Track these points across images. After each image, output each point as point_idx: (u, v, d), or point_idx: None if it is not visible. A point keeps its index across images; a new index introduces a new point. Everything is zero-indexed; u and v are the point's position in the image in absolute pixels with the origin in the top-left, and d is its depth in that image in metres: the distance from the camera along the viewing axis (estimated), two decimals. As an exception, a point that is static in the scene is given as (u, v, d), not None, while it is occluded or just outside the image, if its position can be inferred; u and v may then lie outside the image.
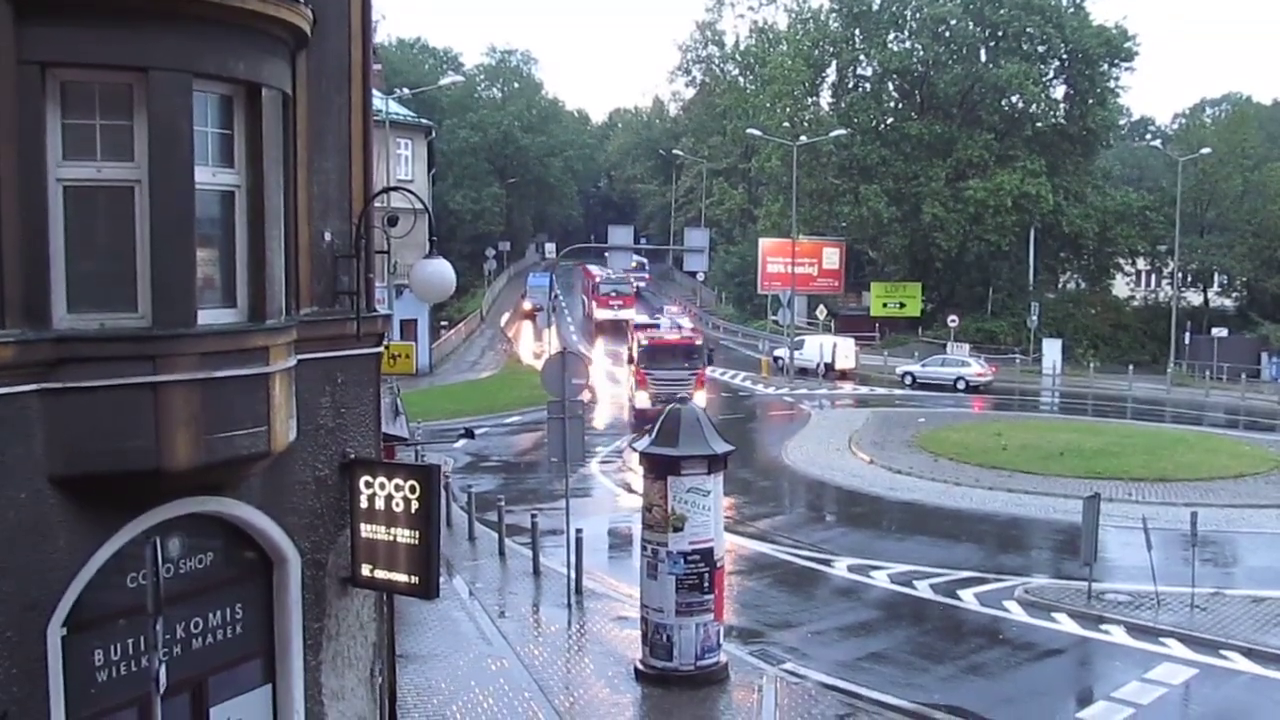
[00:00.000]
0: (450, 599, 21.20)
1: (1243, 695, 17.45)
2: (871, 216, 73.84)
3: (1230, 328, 70.03)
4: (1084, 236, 74.95)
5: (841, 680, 17.63)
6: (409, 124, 53.91)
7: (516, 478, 34.72)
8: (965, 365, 58.56)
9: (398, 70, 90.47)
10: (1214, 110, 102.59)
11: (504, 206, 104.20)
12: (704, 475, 16.88)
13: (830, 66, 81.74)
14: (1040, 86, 74.79)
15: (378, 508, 10.52)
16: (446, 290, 11.29)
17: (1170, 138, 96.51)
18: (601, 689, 17.01)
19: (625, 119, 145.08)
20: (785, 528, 28.45)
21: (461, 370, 64.15)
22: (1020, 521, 29.17)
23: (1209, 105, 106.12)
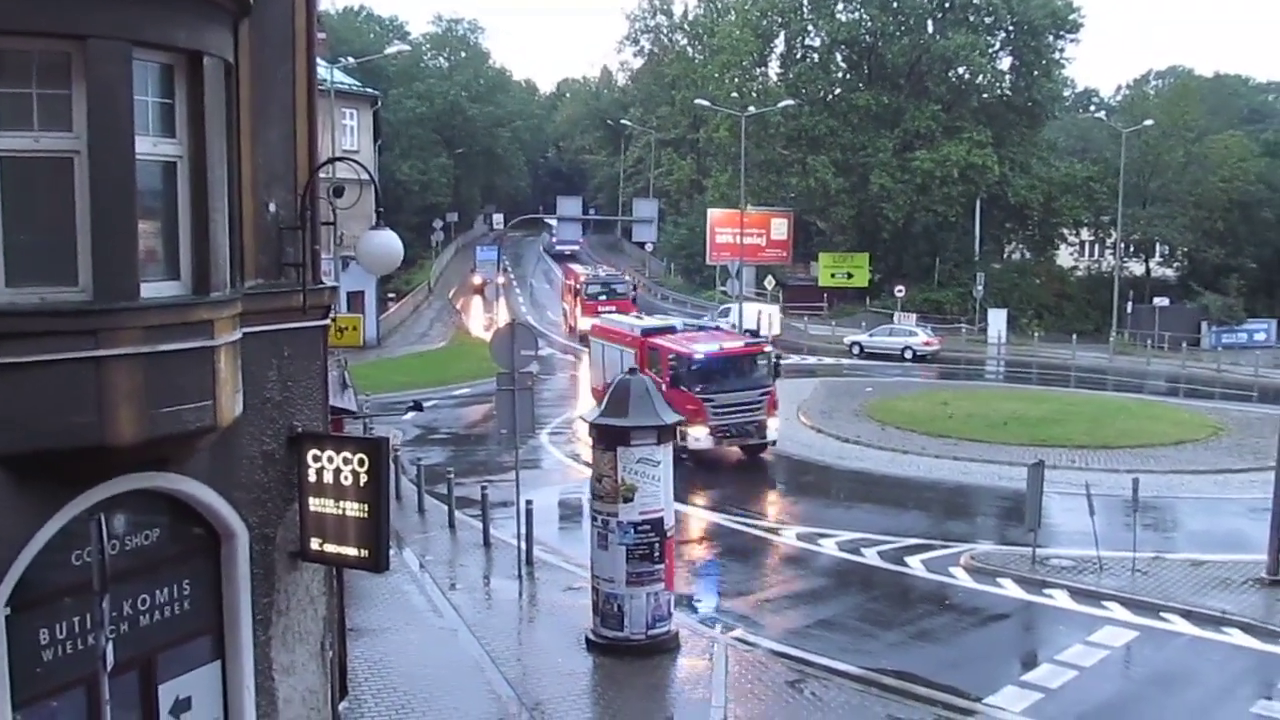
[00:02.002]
0: (400, 572, 21.15)
1: (1182, 656, 17.82)
2: (819, 187, 74.14)
3: (1171, 297, 71.25)
4: (1029, 207, 75.74)
5: (791, 647, 17.81)
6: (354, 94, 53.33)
7: (466, 450, 34.64)
8: (913, 335, 59.19)
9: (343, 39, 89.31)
10: (1157, 83, 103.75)
11: (451, 177, 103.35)
12: (654, 445, 16.93)
13: (779, 37, 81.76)
14: (987, 58, 75.34)
15: (326, 481, 10.45)
16: (394, 262, 11.21)
17: (1114, 110, 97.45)
18: (553, 659, 17.06)
19: (573, 89, 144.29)
20: (735, 497, 28.61)
21: (410, 342, 63.78)
22: (966, 489, 29.54)
23: (1153, 78, 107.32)
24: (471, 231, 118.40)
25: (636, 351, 32.37)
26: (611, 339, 35.15)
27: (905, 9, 76.01)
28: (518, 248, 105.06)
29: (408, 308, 75.12)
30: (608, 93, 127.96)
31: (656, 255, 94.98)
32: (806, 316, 70.78)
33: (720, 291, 72.09)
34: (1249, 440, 34.35)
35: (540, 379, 45.25)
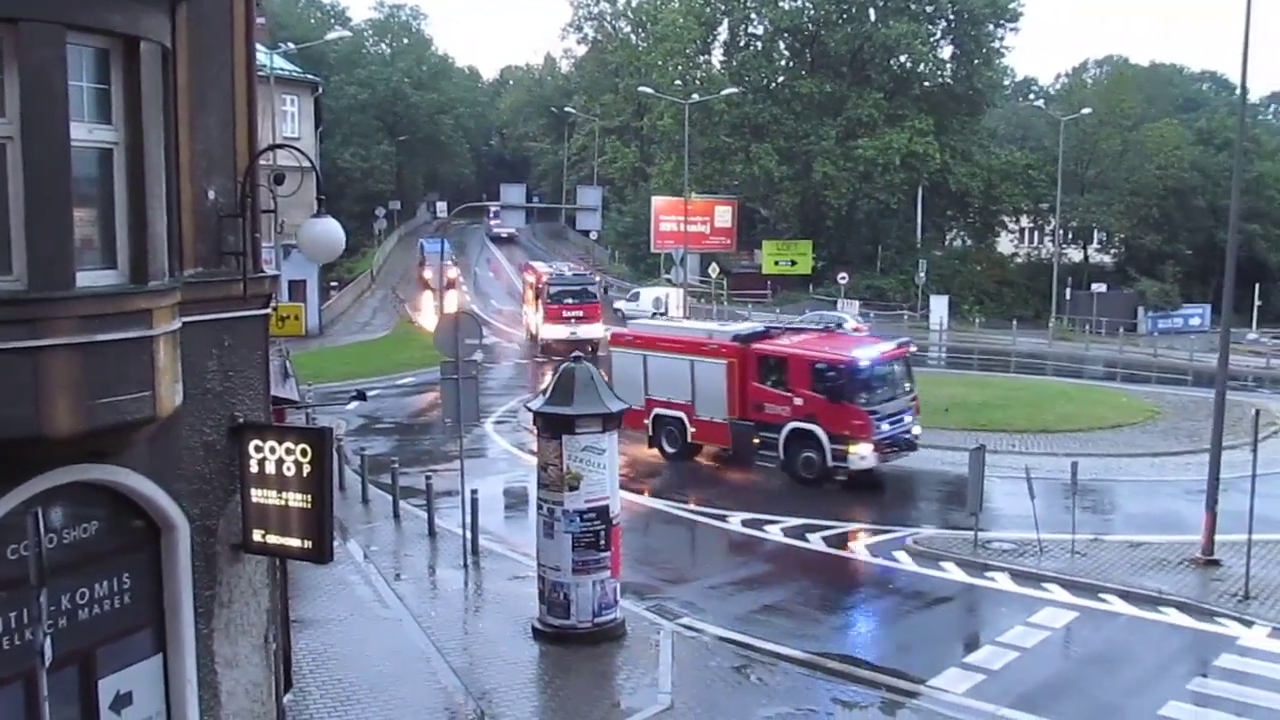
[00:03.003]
0: (345, 563, 20.99)
1: (1121, 636, 18.16)
2: (763, 175, 74.41)
3: (1109, 283, 72.42)
4: (970, 195, 76.55)
5: (737, 633, 17.91)
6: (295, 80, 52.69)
7: (411, 439, 34.43)
8: (843, 320, 59.93)
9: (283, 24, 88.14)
10: (1095, 72, 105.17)
11: (394, 165, 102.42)
12: (599, 433, 16.93)
13: (722, 24, 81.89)
14: (928, 46, 75.92)
15: (268, 472, 10.35)
16: (336, 250, 11.11)
17: (1053, 98, 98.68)
18: (500, 648, 17.03)
19: (517, 76, 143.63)
20: (680, 484, 28.67)
21: (353, 331, 63.25)
22: (909, 474, 29.73)
23: (1090, 67, 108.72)
24: (415, 219, 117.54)
25: (732, 363, 28.61)
26: (664, 348, 30.16)
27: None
28: (462, 236, 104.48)
29: (350, 296, 74.49)
30: (551, 80, 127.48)
31: (601, 243, 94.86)
32: (751, 304, 71.02)
33: (665, 279, 72.20)
34: (1184, 423, 34.98)
35: (484, 367, 45.07)
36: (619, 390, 29.09)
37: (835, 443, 26.70)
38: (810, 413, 27.08)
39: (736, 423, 28.60)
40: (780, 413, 27.64)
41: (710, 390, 28.99)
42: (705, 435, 29.64)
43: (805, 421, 27.16)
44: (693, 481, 29.19)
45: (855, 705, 15.37)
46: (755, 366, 28.38)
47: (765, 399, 28.04)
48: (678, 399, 29.73)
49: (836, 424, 26.72)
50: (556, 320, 48.60)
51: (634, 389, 29.07)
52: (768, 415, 27.93)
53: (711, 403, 29.04)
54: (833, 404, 26.76)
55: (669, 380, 29.66)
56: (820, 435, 26.92)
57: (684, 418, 29.79)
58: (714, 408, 29.00)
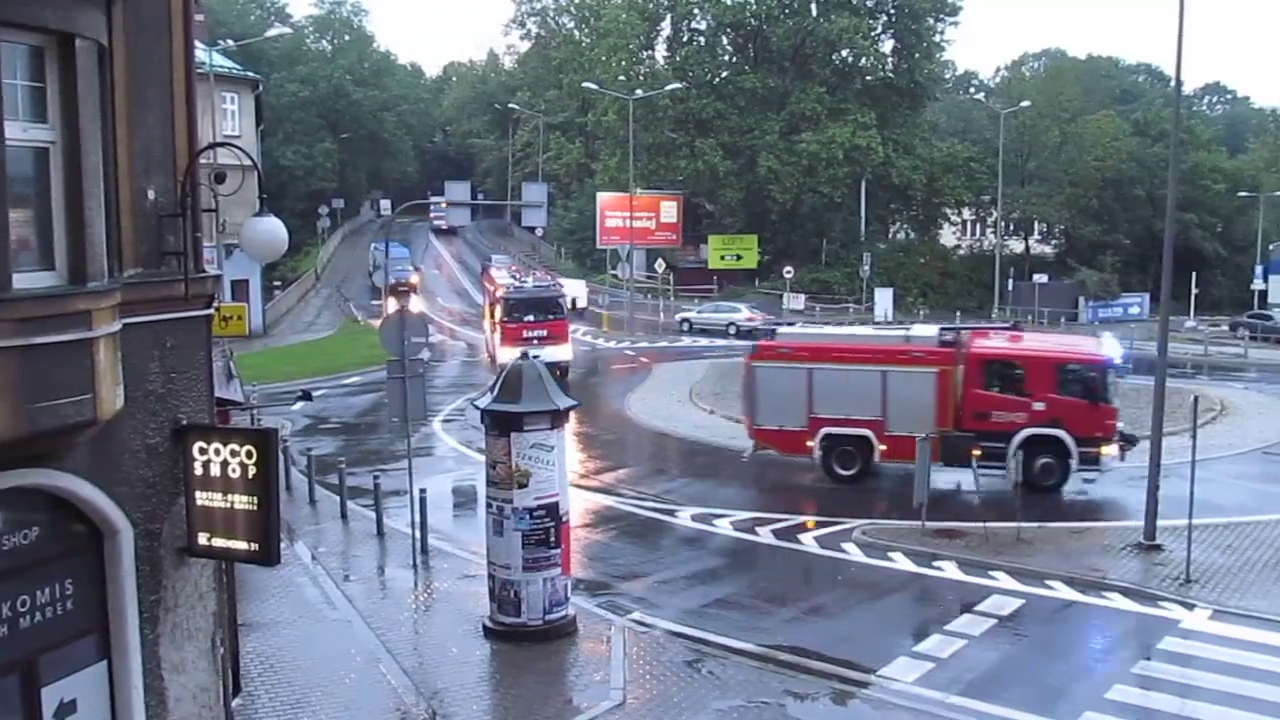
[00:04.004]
0: (292, 565, 20.80)
1: (1067, 621, 18.48)
2: (708, 170, 74.65)
3: (1050, 274, 73.41)
4: (913, 188, 77.29)
5: (688, 627, 17.94)
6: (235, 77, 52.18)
7: (357, 439, 34.17)
8: (736, 311, 61.43)
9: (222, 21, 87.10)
10: (1033, 65, 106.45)
11: (337, 162, 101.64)
12: (547, 430, 16.89)
13: (665, 20, 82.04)
14: (869, 41, 76.51)
15: (213, 474, 10.22)
16: (279, 249, 11.00)
17: (993, 91, 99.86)
18: (450, 647, 16.96)
19: (460, 72, 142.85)
20: (630, 480, 28.70)
21: (297, 331, 62.71)
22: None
23: (1029, 60, 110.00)
24: (358, 218, 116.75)
25: (944, 371, 25.91)
26: (840, 359, 26.87)
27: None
28: (406, 234, 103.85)
29: (294, 295, 73.85)
30: (495, 76, 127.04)
31: (546, 240, 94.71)
32: (698, 299, 71.22)
33: (612, 275, 72.26)
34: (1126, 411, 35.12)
35: (431, 366, 44.85)
36: (768, 410, 27.17)
37: (1083, 445, 25.32)
38: (1055, 416, 25.41)
39: (950, 435, 25.49)
40: (1014, 420, 25.49)
41: (911, 402, 25.87)
42: (899, 453, 25.93)
43: (1047, 427, 25.43)
44: (644, 477, 29.23)
45: (807, 697, 15.45)
46: (979, 372, 26.09)
47: (993, 406, 25.65)
48: (861, 415, 26.43)
49: (1086, 426, 25.35)
50: (515, 341, 39.71)
51: (792, 408, 26.71)
52: (995, 424, 25.47)
53: (912, 416, 25.67)
54: (1087, 405, 25.48)
55: (848, 395, 26.36)
56: (1065, 439, 25.43)
57: (870, 435, 26.53)
58: (915, 421, 25.35)
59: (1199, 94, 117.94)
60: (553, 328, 42.13)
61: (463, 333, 60.05)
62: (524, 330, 41.34)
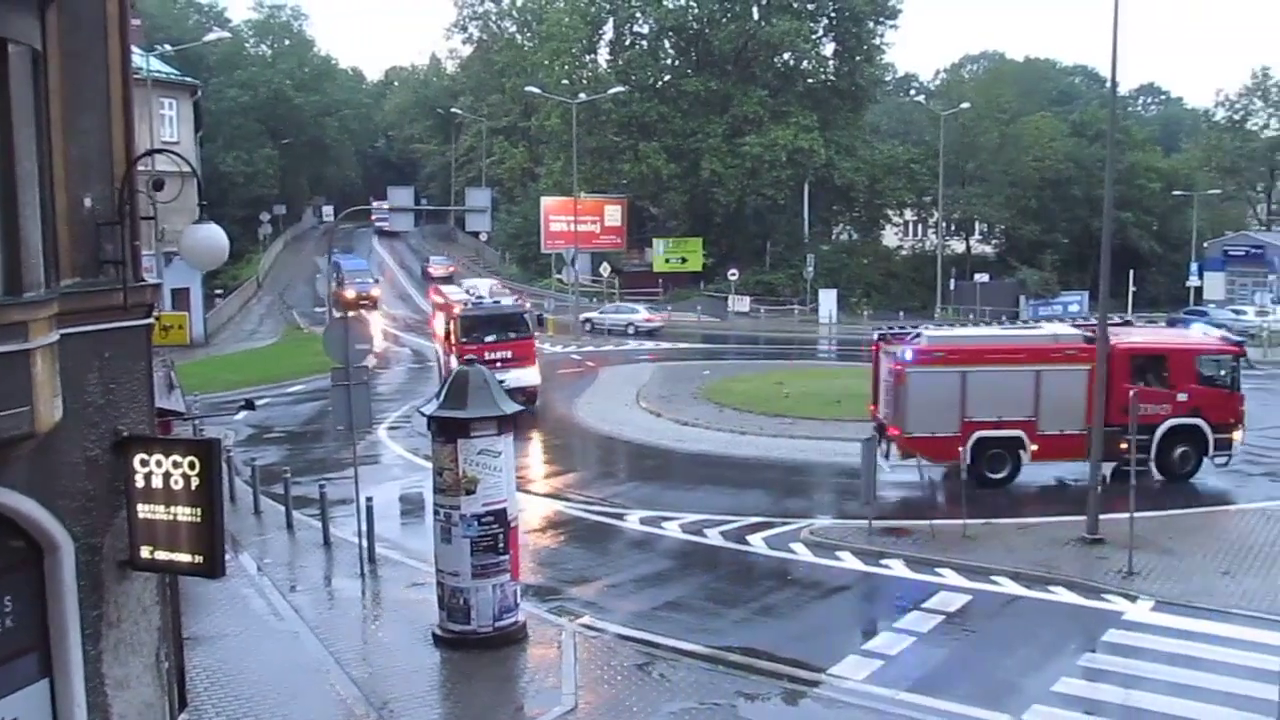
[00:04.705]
0: (238, 576, 20.55)
1: (1013, 616, 18.66)
2: (652, 173, 74.81)
3: (992, 273, 74.35)
4: (855, 189, 77.87)
5: (639, 630, 17.94)
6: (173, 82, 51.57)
7: (302, 448, 33.84)
8: (635, 312, 62.59)
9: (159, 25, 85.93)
10: (972, 67, 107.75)
11: (278, 169, 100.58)
12: (494, 436, 16.81)
13: (607, 23, 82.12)
14: (811, 44, 77.10)
15: (155, 486, 10.07)
16: (219, 257, 10.87)
17: (933, 93, 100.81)
18: (400, 657, 16.82)
19: (402, 77, 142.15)
20: (578, 484, 28.66)
21: (239, 339, 62.02)
22: (804, 466, 30.19)
23: (968, 62, 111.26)
24: (301, 224, 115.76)
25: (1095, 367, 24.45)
26: (994, 360, 26.24)
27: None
28: (349, 240, 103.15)
29: (236, 303, 73.05)
30: (437, 81, 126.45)
31: (491, 245, 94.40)
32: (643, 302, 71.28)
33: (557, 279, 72.14)
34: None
35: (376, 373, 44.55)
36: (922, 417, 25.79)
37: (1218, 432, 26.23)
38: (1195, 406, 26.26)
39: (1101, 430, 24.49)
40: (1158, 411, 25.95)
41: (1063, 400, 25.73)
42: (1050, 451, 26.13)
43: (1188, 416, 26.25)
44: (592, 481, 29.21)
45: (758, 697, 15.49)
46: (1126, 367, 26.20)
47: (1142, 399, 24.55)
48: (1013, 415, 26.00)
49: (1222, 413, 26.33)
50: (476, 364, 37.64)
51: (945, 413, 25.76)
52: (1143, 417, 24.47)
53: (1063, 414, 25.71)
54: (1224, 393, 26.46)
55: (1001, 396, 25.84)
56: (1203, 427, 26.28)
57: (1022, 436, 26.15)
58: (1066, 419, 25.61)
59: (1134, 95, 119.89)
60: (517, 348, 37.58)
61: (407, 339, 59.68)
62: (484, 351, 35.94)
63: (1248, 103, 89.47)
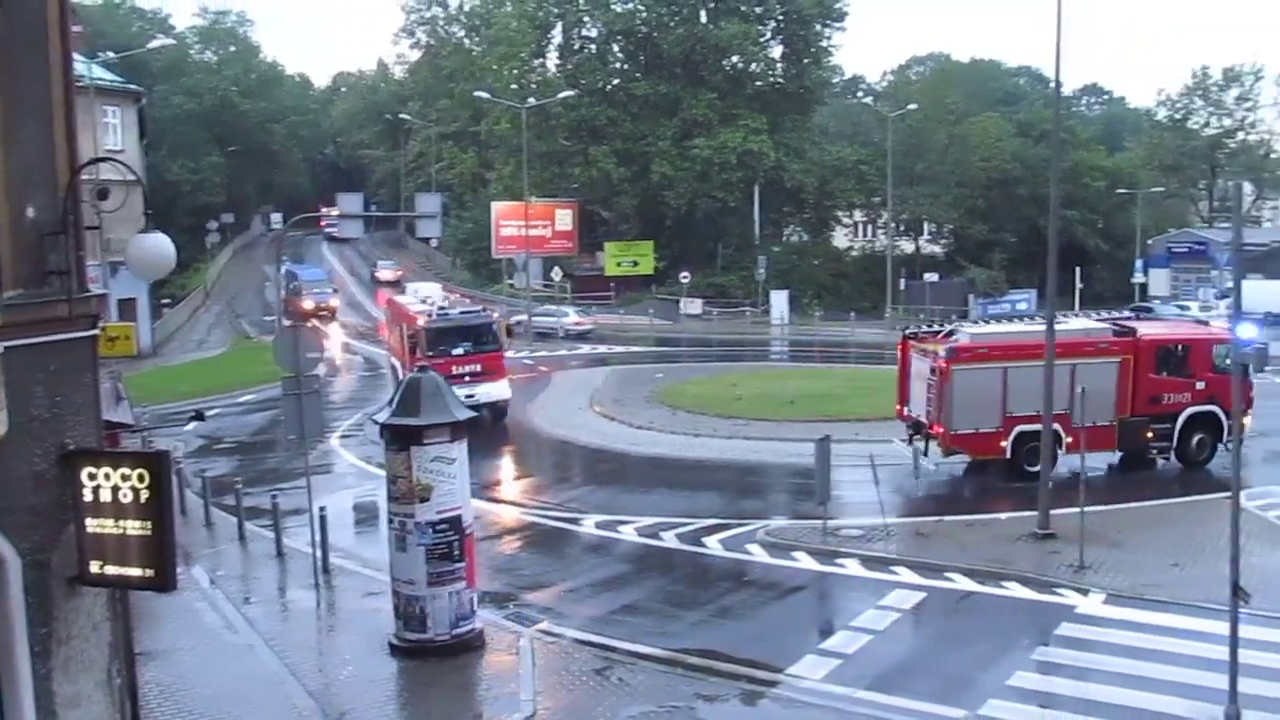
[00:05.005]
0: (190, 589, 20.31)
1: (968, 612, 18.85)
2: (602, 177, 74.84)
3: (941, 272, 75.02)
4: (805, 191, 78.27)
5: (596, 635, 17.92)
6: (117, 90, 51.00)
7: (254, 458, 33.53)
8: (564, 315, 63.00)
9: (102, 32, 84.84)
10: (919, 69, 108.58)
11: (225, 176, 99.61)
12: (448, 443, 16.73)
13: (556, 28, 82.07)
14: (759, 46, 77.47)
15: (104, 500, 9.92)
16: (166, 266, 10.75)
17: (880, 95, 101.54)
18: (356, 667, 16.69)
19: (349, 83, 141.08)
20: (533, 489, 28.62)
21: (188, 350, 61.37)
22: (758, 467, 30.31)
23: (915, 64, 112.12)
24: (249, 231, 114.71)
25: (1126, 359, 26.82)
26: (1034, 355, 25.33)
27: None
28: (299, 247, 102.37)
29: (184, 313, 72.28)
30: (385, 86, 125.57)
31: (442, 250, 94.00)
32: (594, 306, 71.29)
33: (508, 284, 71.98)
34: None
35: (327, 381, 44.24)
36: (966, 414, 26.00)
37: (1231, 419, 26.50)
38: (1212, 394, 27.09)
39: (1127, 421, 26.78)
40: (1180, 400, 27.26)
41: (1096, 392, 25.16)
42: (1085, 443, 25.79)
43: (1206, 404, 27.17)
44: (547, 487, 29.18)
45: (717, 698, 15.53)
46: (1152, 358, 27.33)
47: (1163, 389, 27.15)
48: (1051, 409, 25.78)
49: None
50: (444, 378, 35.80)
51: (988, 409, 26.05)
52: (1163, 406, 27.09)
53: (1096, 406, 25.04)
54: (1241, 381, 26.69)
55: (1039, 390, 25.17)
56: (1219, 414, 26.97)
57: (1059, 429, 25.63)
58: (1098, 410, 25.43)
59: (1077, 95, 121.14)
60: (486, 360, 35.70)
61: (358, 346, 59.30)
62: (452, 366, 33.81)
63: (1188, 102, 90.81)
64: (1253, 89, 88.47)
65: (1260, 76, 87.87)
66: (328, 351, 55.01)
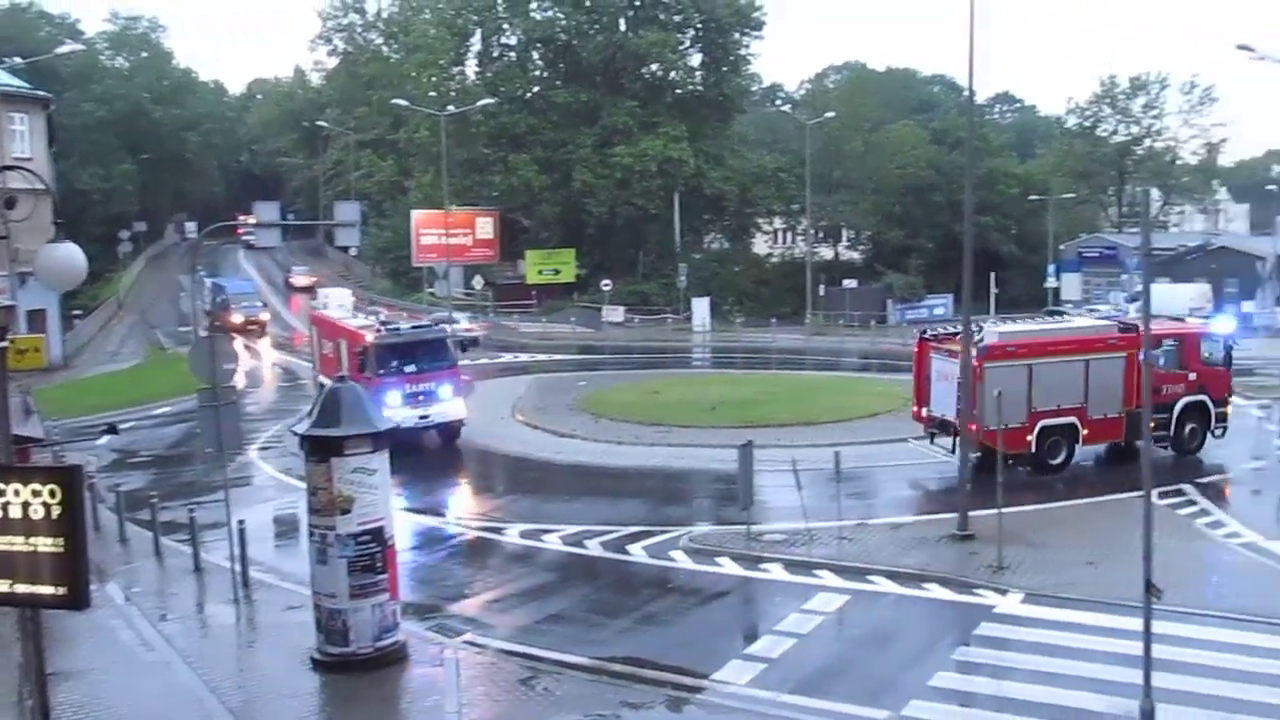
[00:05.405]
0: (105, 607, 19.85)
1: (889, 614, 19.03)
2: (523, 185, 74.71)
3: (859, 278, 76.00)
4: (725, 198, 78.81)
5: (522, 645, 17.84)
6: (24, 96, 49.91)
7: (170, 472, 32.90)
8: (455, 323, 61.92)
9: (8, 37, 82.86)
10: (836, 77, 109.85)
11: (138, 185, 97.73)
12: (369, 454, 16.56)
13: (475, 35, 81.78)
14: (678, 55, 77.89)
15: (13, 517, 9.67)
16: (77, 276, 10.56)
17: (798, 103, 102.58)
18: (277, 682, 16.46)
19: (265, 90, 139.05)
20: (457, 499, 28.47)
21: (101, 361, 60.08)
22: (681, 474, 30.40)
23: (832, 73, 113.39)
24: (163, 241, 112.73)
25: (1130, 354, 27.74)
26: (1055, 352, 27.72)
27: (598, 7, 77.48)
28: (214, 256, 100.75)
29: (95, 324, 70.77)
30: (302, 93, 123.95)
31: (361, 259, 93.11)
32: (517, 314, 71.09)
33: (429, 293, 71.51)
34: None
35: (245, 392, 43.59)
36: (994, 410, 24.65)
37: (1218, 406, 29.32)
38: (1201, 384, 29.11)
39: (1132, 412, 27.59)
40: (1175, 391, 28.83)
41: (1106, 386, 27.91)
42: (1096, 435, 28.43)
43: (1197, 394, 29.06)
44: (471, 497, 29.06)
45: (643, 705, 15.52)
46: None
47: (1164, 381, 28.31)
48: (1069, 403, 27.77)
49: (1220, 389, 29.52)
50: (400, 401, 31.64)
51: (1015, 404, 26.13)
52: (1162, 397, 28.07)
53: (1106, 399, 28.00)
54: (1222, 371, 29.53)
55: (1059, 386, 27.45)
56: (1208, 403, 29.11)
57: (1075, 422, 27.92)
58: (1108, 403, 27.94)
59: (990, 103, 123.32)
60: (442, 378, 33.32)
61: (279, 357, 58.52)
62: (407, 385, 32.31)
63: (1097, 110, 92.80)
64: (1158, 97, 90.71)
65: (1166, 85, 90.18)
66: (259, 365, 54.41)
